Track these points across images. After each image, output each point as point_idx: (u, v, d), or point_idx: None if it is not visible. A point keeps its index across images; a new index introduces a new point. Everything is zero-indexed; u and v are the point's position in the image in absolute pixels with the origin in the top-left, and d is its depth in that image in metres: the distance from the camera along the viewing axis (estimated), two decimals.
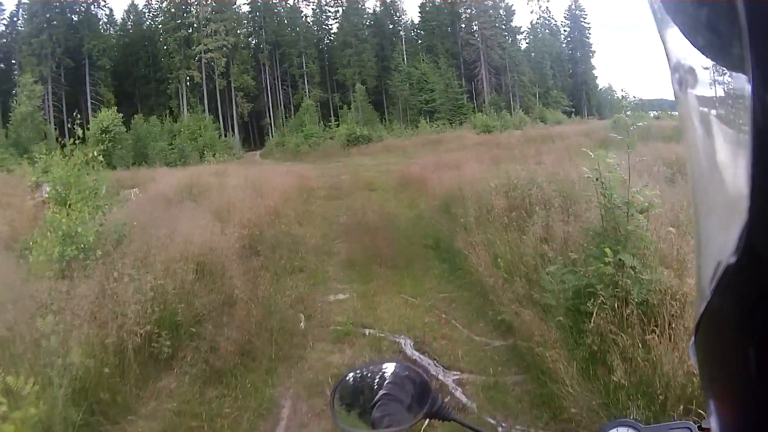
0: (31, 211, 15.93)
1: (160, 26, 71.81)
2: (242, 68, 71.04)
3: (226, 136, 68.85)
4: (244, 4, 77.07)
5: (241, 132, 73.15)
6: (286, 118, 70.55)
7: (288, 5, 78.90)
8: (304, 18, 79.43)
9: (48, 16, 64.07)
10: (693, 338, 0.59)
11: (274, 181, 22.30)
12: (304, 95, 71.44)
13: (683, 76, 0.56)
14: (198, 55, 68.20)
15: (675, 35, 0.56)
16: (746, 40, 0.45)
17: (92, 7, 69.98)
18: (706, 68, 0.54)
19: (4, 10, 67.67)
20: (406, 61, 72.87)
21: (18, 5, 66.65)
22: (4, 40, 66.68)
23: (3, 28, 67.37)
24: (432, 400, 1.63)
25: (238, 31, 73.04)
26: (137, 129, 54.05)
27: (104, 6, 72.52)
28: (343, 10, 78.70)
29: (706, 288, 0.53)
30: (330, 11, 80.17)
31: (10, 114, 54.03)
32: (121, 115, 50.82)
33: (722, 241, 0.49)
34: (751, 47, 0.45)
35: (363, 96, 65.85)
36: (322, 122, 64.15)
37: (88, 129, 49.09)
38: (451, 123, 61.32)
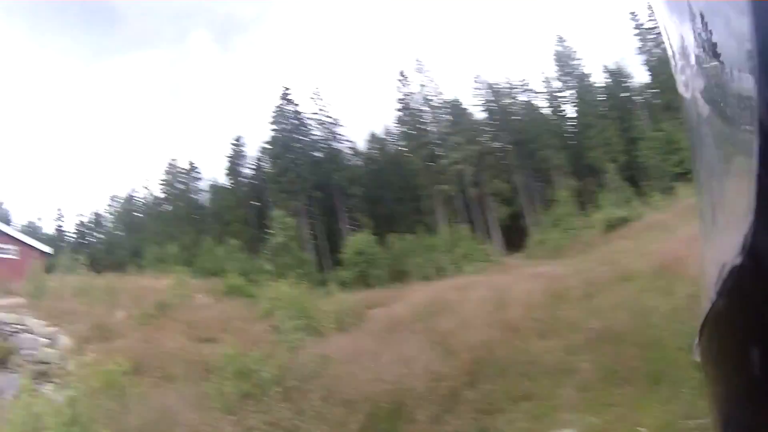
0: (252, 338, 16.51)
1: (404, 148, 75.27)
2: (492, 173, 71.36)
3: (485, 243, 67.69)
4: (479, 111, 78.32)
5: (503, 236, 72.07)
6: (543, 213, 68.73)
7: (520, 101, 79.26)
8: (538, 111, 79.05)
9: (291, 156, 70.03)
10: (697, 338, 0.59)
11: (521, 286, 21.62)
12: (557, 187, 69.17)
13: (688, 78, 0.57)
14: (445, 169, 69.34)
15: (679, 36, 0.56)
16: (751, 42, 0.45)
17: (332, 143, 75.66)
18: (711, 69, 0.53)
19: (245, 155, 77.26)
20: (648, 126, 69.47)
21: (262, 151, 75.25)
22: (255, 182, 74.93)
23: (251, 171, 76.72)
24: None
25: (479, 138, 73.74)
26: (392, 248, 55.66)
27: (344, 140, 76.97)
28: (576, 91, 77.41)
29: (710, 289, 0.53)
30: (563, 96, 79.39)
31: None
32: (375, 237, 53.94)
33: (727, 242, 0.49)
34: (756, 48, 0.45)
35: (614, 175, 62.98)
36: (579, 211, 61.89)
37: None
38: None
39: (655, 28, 71.84)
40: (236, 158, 77.19)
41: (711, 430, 0.61)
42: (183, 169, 78.62)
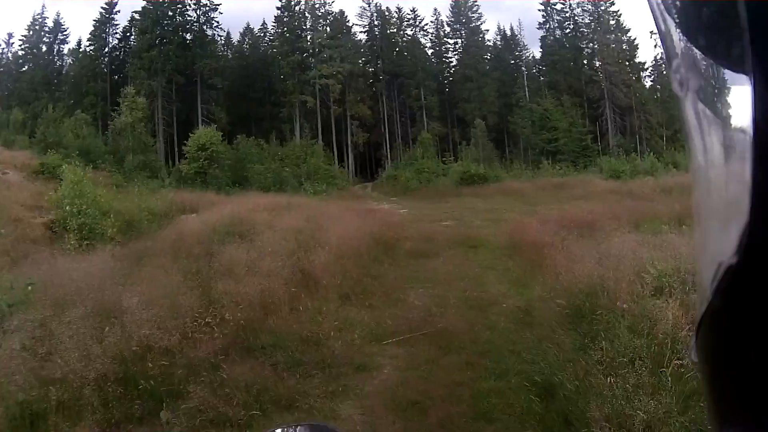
0: None
1: (275, 50, 69.38)
2: (358, 97, 67.39)
3: (341, 165, 65.67)
4: (360, 32, 74.15)
5: (356, 162, 69.59)
6: (403, 150, 65.71)
7: (406, 36, 74.68)
8: (422, 49, 74.88)
9: (159, 32, 63.24)
10: (694, 339, 0.58)
11: (353, 223, 18.27)
12: (422, 129, 66.33)
13: (684, 77, 0.55)
14: (312, 81, 64.95)
15: (675, 36, 0.55)
16: (747, 40, 0.44)
17: (205, 27, 68.07)
18: (707, 68, 0.53)
19: (118, 24, 67.23)
20: (528, 98, 67.06)
21: (131, 22, 65.94)
22: (117, 53, 66.51)
23: (116, 42, 67.10)
24: None
25: (354, 59, 69.52)
26: (238, 150, 50.30)
27: (217, 27, 69.30)
28: (462, 42, 73.70)
29: (707, 288, 0.52)
30: (449, 43, 75.30)
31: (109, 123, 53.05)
32: (224, 135, 48.57)
33: (723, 241, 0.48)
34: (752, 47, 0.44)
35: (483, 132, 60.26)
36: (438, 158, 59.10)
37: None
38: (575, 166, 54.98)
39: (563, 9, 71.77)
40: (104, 24, 67.57)
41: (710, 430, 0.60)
42: (48, 27, 68.08)
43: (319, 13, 70.02)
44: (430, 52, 75.35)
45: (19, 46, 66.33)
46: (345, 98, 66.25)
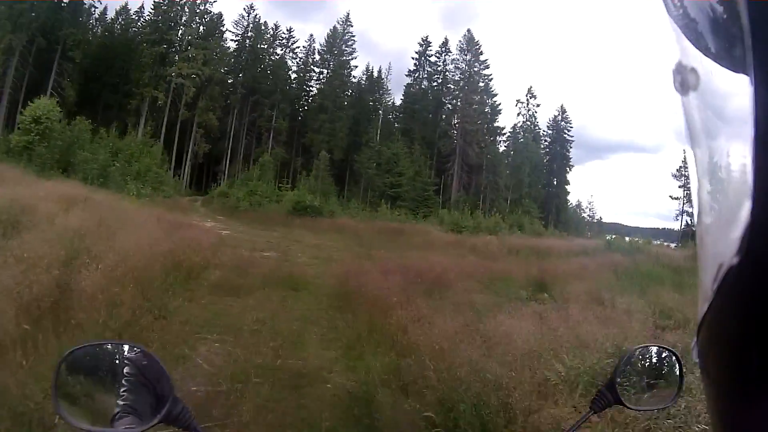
0: None
1: (142, 37, 63.55)
2: (209, 105, 63.35)
3: (177, 173, 61.40)
4: (231, 40, 70.17)
5: (193, 172, 65.52)
6: (243, 169, 62.20)
7: (275, 54, 71.65)
8: (287, 71, 71.88)
9: None
10: (695, 339, 0.58)
11: (159, 236, 14.93)
12: (266, 151, 63.31)
13: (685, 78, 0.55)
14: (169, 78, 60.48)
15: (676, 35, 0.55)
16: (748, 41, 0.44)
17: None
18: (708, 69, 0.53)
19: None
20: (378, 140, 65.31)
21: None
22: None
23: None
24: (173, 401, 1.43)
25: (217, 65, 65.60)
26: (71, 132, 43.78)
27: None
28: (328, 73, 71.35)
29: (708, 289, 0.52)
30: (315, 71, 72.69)
31: None
32: (59, 109, 42.25)
33: (724, 242, 0.48)
34: (753, 48, 0.44)
35: (326, 165, 57.53)
36: (275, 183, 55.33)
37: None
38: (414, 214, 52.80)
39: (436, 62, 71.37)
40: None
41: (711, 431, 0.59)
42: None
43: (197, 10, 65.45)
44: (293, 76, 72.62)
45: None
46: (196, 103, 62.21)
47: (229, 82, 68.80)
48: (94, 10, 64.01)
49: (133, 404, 1.40)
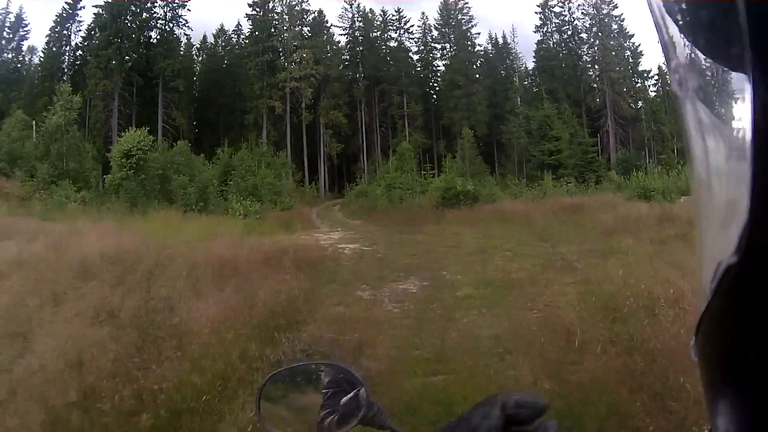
0: None
1: (245, 51, 59.84)
2: (333, 103, 57.80)
3: (314, 178, 57.57)
4: (341, 34, 64.52)
5: (332, 174, 61.08)
6: (382, 163, 55.66)
7: (390, 39, 65.08)
8: (407, 54, 65.01)
9: (117, 29, 53.42)
10: (693, 338, 0.57)
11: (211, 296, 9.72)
12: (404, 140, 56.24)
13: (683, 77, 0.55)
14: (282, 84, 55.82)
15: (675, 35, 0.54)
16: (746, 39, 0.44)
17: (171, 24, 58.05)
18: (706, 68, 0.53)
19: (83, 22, 57.21)
20: (521, 106, 57.38)
21: (95, 19, 55.64)
22: (80, 52, 56.59)
23: (81, 40, 57.04)
24: (368, 405, 1.45)
25: (331, 62, 60.18)
26: (169, 158, 39.70)
27: (185, 25, 59.25)
28: (451, 47, 63.80)
29: (706, 288, 0.51)
30: (437, 48, 65.32)
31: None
32: (151, 138, 37.85)
33: (723, 240, 0.48)
34: (752, 47, 0.43)
35: (471, 142, 49.29)
36: (417, 172, 47.46)
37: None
38: (579, 181, 42.96)
39: (561, 12, 62.60)
40: (67, 20, 57.66)
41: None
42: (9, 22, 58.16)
43: (295, 12, 60.89)
44: (415, 57, 65.68)
45: None
46: (318, 105, 57.14)
47: (348, 76, 62.84)
48: (187, 38, 61.29)
49: (331, 413, 1.45)
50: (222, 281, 10.57)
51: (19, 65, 58.70)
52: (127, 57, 53.39)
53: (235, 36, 63.94)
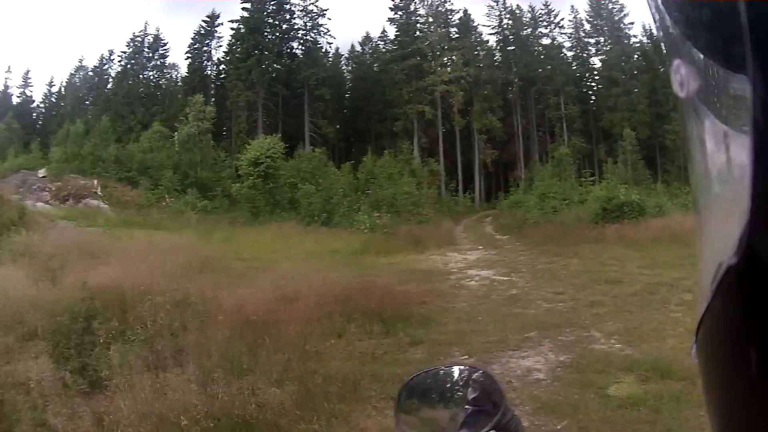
0: None
1: (388, 56, 58.37)
2: (485, 106, 54.52)
3: (467, 190, 53.34)
4: (490, 34, 61.03)
5: (489, 183, 57.75)
6: (539, 170, 49.72)
7: (542, 36, 61.01)
8: (560, 50, 60.69)
9: (255, 41, 54.00)
10: (694, 339, 0.57)
11: None
12: (562, 144, 51.67)
13: (684, 77, 0.53)
14: (430, 88, 53.46)
15: (675, 36, 0.54)
16: (747, 40, 0.43)
17: (312, 34, 58.05)
18: (707, 68, 0.51)
19: (222, 37, 59.06)
20: None
21: (233, 34, 56.88)
22: (223, 67, 58.16)
23: (222, 54, 58.78)
24: (504, 410, 1.42)
25: (482, 64, 56.74)
26: (298, 165, 37.27)
27: (327, 34, 59.07)
28: (605, 41, 59.03)
29: (707, 289, 0.50)
30: (590, 43, 60.41)
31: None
32: (279, 144, 36.31)
33: (723, 241, 0.47)
34: (752, 47, 0.43)
35: (632, 145, 44.08)
36: (575, 179, 41.69)
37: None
38: None
39: None
40: (205, 36, 59.72)
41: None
42: (149, 42, 60.82)
43: (439, 13, 58.33)
44: (569, 54, 61.13)
45: (118, 61, 59.95)
46: (470, 109, 54.26)
47: (501, 78, 58.57)
48: (329, 46, 61.26)
49: (468, 419, 1.41)
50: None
51: (161, 82, 60.66)
52: (268, 68, 53.68)
53: (382, 42, 62.93)
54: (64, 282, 9.73)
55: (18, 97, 60.93)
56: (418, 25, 58.24)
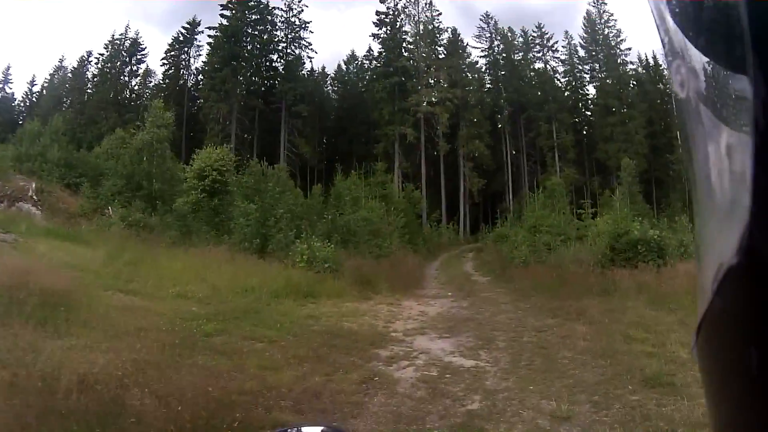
0: None
1: (372, 74, 54.96)
2: (472, 132, 50.75)
3: (451, 219, 49.13)
4: (479, 57, 57.55)
5: (474, 214, 52.90)
6: (530, 202, 44.38)
7: (534, 60, 57.45)
8: (553, 75, 57.05)
9: (232, 50, 50.60)
10: (695, 339, 0.56)
11: None
12: (554, 174, 46.93)
13: (684, 77, 0.53)
14: (413, 108, 49.32)
15: (676, 36, 0.53)
16: (747, 40, 0.43)
17: (293, 46, 54.51)
18: (707, 69, 0.51)
19: (201, 47, 56.37)
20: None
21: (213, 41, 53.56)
22: (201, 76, 55.40)
23: (202, 63, 56.15)
24: None
25: (470, 86, 53.18)
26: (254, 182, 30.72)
27: (308, 48, 55.59)
28: (600, 68, 55.30)
29: (707, 289, 0.50)
30: (585, 70, 56.69)
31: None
32: (228, 156, 31.28)
33: (724, 242, 0.46)
34: (753, 48, 0.42)
35: (632, 175, 39.05)
36: (570, 212, 34.49)
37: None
38: None
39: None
40: (183, 44, 56.60)
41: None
42: (125, 47, 57.59)
43: (427, 29, 54.18)
44: (563, 79, 57.47)
45: (95, 64, 57.38)
46: (456, 133, 50.39)
47: (488, 102, 55.61)
48: (311, 62, 60.36)
49: None
50: None
51: (135, 87, 58.36)
52: (246, 80, 51.12)
53: (367, 62, 59.66)
54: None
55: None
56: (404, 43, 54.36)
